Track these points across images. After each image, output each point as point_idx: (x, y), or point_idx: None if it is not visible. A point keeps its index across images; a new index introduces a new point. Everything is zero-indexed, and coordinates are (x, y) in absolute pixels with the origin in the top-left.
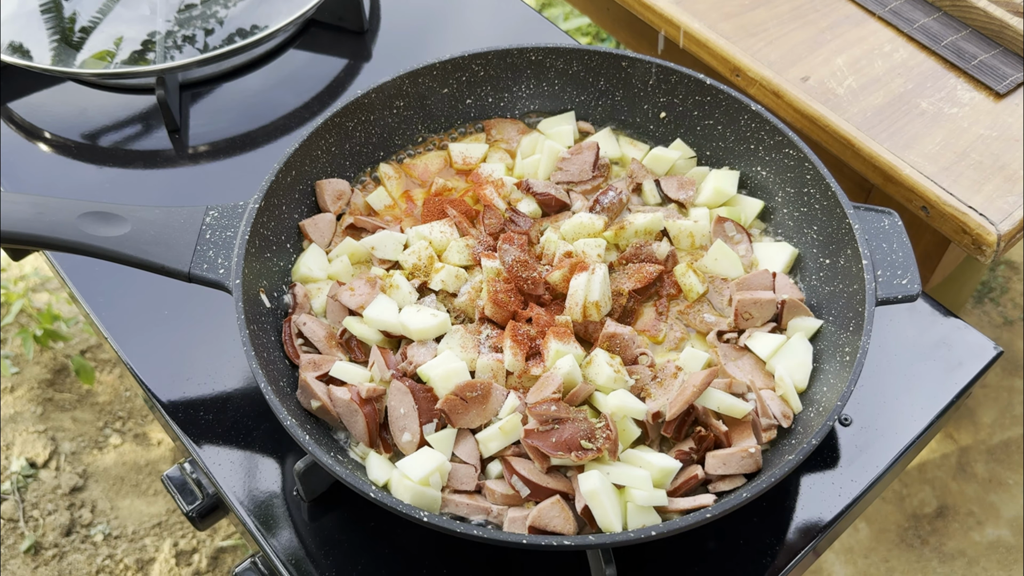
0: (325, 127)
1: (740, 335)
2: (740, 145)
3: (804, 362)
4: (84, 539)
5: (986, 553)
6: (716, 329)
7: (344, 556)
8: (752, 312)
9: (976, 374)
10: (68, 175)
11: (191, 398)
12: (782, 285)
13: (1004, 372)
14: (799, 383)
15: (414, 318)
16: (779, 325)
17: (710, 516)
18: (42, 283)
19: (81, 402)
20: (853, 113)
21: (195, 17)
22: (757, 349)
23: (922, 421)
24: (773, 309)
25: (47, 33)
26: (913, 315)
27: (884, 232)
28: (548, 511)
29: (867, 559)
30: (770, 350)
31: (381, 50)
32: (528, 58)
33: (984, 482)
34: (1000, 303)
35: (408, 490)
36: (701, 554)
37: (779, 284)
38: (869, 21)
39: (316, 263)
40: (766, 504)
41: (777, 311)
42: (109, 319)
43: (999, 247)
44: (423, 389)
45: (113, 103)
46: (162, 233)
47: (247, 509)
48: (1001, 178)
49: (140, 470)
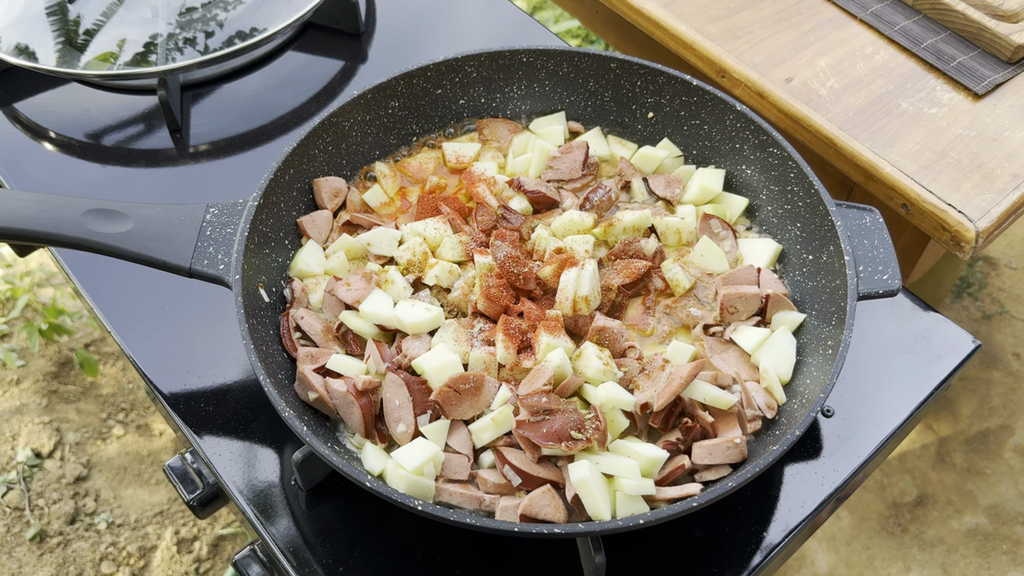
0: (322, 127)
1: (726, 329)
2: (726, 144)
3: (788, 355)
4: (88, 527)
5: (964, 540)
6: (702, 323)
7: (341, 543)
8: (737, 306)
9: (955, 367)
10: (72, 173)
11: (192, 390)
12: (766, 280)
13: (982, 365)
14: (783, 375)
15: (409, 312)
16: (763, 319)
17: (697, 505)
18: (47, 279)
19: (85, 394)
20: (835, 113)
21: (196, 20)
22: (742, 342)
23: (902, 412)
24: (758, 303)
25: (52, 35)
26: (894, 310)
27: (865, 229)
28: (539, 500)
29: (849, 546)
30: (755, 343)
31: (377, 52)
32: (519, 60)
33: (963, 471)
34: (978, 298)
35: (403, 479)
36: (688, 542)
37: (763, 279)
38: (851, 24)
39: (313, 259)
40: (751, 493)
41: (762, 305)
42: (112, 313)
43: (977, 243)
44: (417, 381)
45: (116, 103)
46: (164, 230)
47: (246, 498)
48: (979, 176)
49: (142, 460)
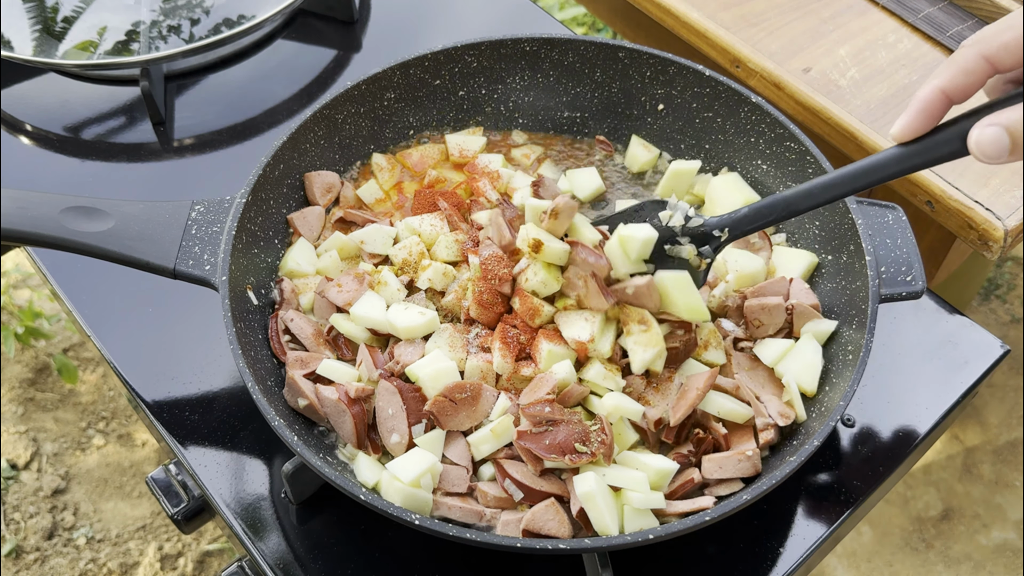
0: (314, 119)
1: (755, 344)
2: (740, 138)
3: (812, 364)
4: (66, 542)
5: (992, 557)
6: (732, 336)
7: (333, 560)
8: (762, 319)
9: (982, 373)
10: (50, 169)
11: (176, 398)
12: (798, 291)
13: (1011, 371)
14: (808, 386)
15: (402, 316)
16: (791, 332)
17: (709, 519)
18: (23, 279)
19: (63, 402)
20: (856, 105)
21: (180, 7)
22: (764, 356)
23: (927, 422)
24: (783, 315)
25: (28, 23)
26: (918, 313)
27: (888, 227)
28: (543, 514)
29: (870, 563)
30: (776, 355)
31: (371, 40)
32: (522, 48)
33: (990, 484)
34: (1007, 300)
35: (398, 492)
36: (700, 558)
37: (794, 289)
38: (872, 11)
39: (304, 258)
40: (767, 507)
41: (788, 317)
42: (92, 316)
43: (1006, 243)
44: (411, 389)
45: (96, 95)
46: (146, 228)
47: (234, 512)
48: (1008, 171)
49: (124, 472)
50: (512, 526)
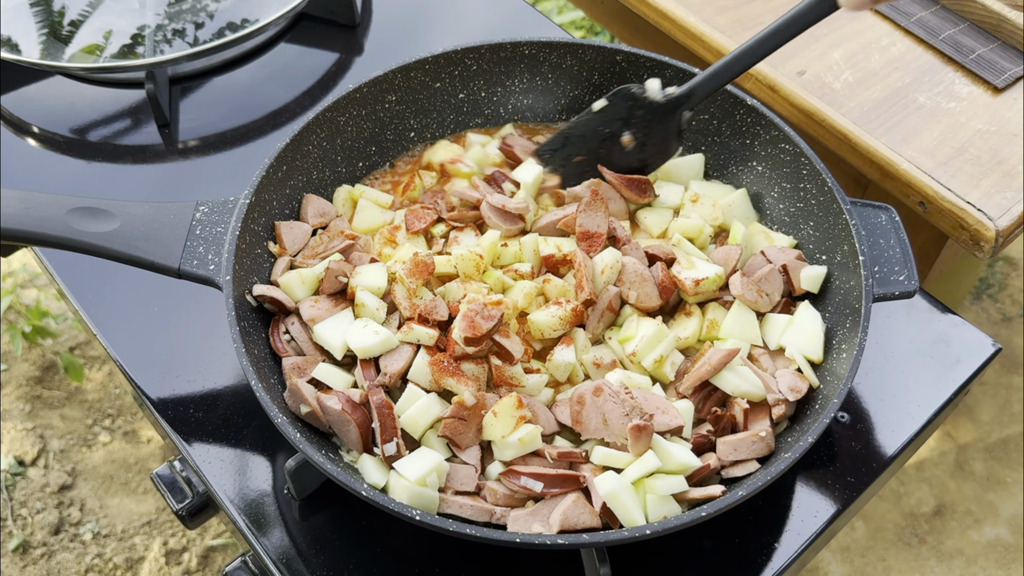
0: (316, 122)
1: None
2: (735, 140)
3: (814, 332)
4: (73, 538)
5: (984, 552)
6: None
7: (336, 555)
8: (765, 289)
9: (974, 371)
10: (56, 170)
11: (181, 395)
12: (774, 254)
13: (1003, 369)
14: (813, 355)
15: (357, 336)
16: (793, 292)
17: (705, 515)
18: (31, 279)
19: (70, 399)
20: (850, 107)
21: (185, 11)
22: (769, 339)
23: (920, 419)
24: (780, 277)
25: (35, 26)
26: (910, 312)
27: (881, 228)
28: (573, 510)
29: (864, 558)
30: (779, 332)
31: (373, 44)
32: (521, 52)
33: (982, 480)
34: (998, 299)
35: (405, 490)
36: (697, 552)
37: (771, 253)
38: (866, 15)
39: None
40: (762, 503)
41: (785, 276)
42: (98, 315)
43: (997, 243)
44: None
45: (102, 97)
46: (151, 229)
47: (237, 507)
48: (999, 173)
49: (129, 468)
50: (522, 522)
